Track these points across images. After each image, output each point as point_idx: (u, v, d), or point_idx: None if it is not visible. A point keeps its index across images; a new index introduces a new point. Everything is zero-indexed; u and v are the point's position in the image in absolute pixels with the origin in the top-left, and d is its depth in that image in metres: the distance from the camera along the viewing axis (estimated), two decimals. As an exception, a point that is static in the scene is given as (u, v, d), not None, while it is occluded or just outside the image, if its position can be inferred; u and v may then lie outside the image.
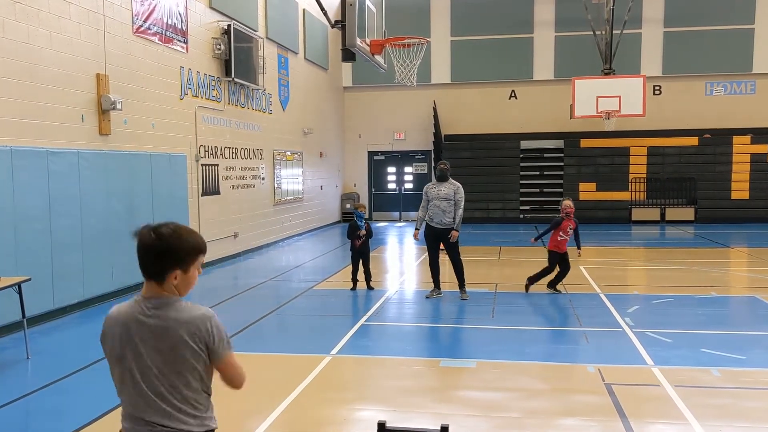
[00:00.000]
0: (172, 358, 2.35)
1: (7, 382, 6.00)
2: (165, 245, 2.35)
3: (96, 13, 9.30)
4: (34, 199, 7.92)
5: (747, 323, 8.07)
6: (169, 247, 2.36)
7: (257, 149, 15.09)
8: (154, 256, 2.36)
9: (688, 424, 4.76)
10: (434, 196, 9.21)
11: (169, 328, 2.35)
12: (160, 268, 2.37)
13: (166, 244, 2.35)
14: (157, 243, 2.35)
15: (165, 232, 2.37)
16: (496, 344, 7.08)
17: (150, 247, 2.36)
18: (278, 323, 8.28)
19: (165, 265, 2.37)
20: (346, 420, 5.06)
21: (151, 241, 2.35)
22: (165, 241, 2.36)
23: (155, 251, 2.36)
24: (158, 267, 2.37)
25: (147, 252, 2.36)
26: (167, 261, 2.37)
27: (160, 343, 2.35)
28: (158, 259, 2.36)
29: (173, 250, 2.36)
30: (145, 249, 2.36)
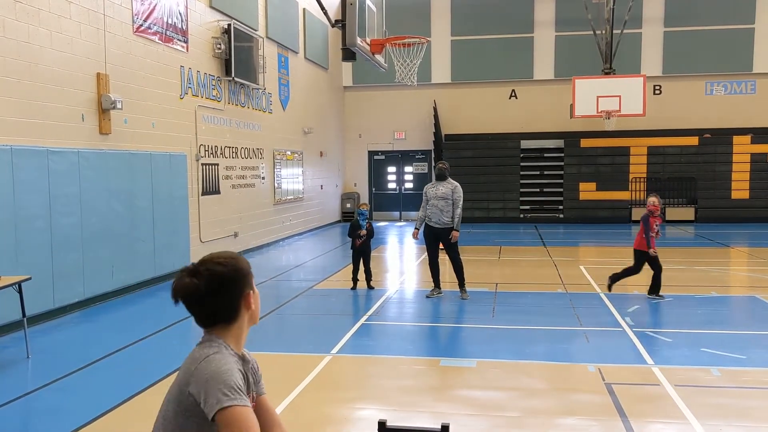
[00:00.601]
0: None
1: (7, 382, 6.00)
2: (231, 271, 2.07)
3: (96, 12, 9.30)
4: (35, 198, 7.92)
5: (747, 323, 8.07)
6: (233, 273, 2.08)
7: (257, 149, 15.09)
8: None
9: (688, 424, 4.76)
10: (432, 195, 9.23)
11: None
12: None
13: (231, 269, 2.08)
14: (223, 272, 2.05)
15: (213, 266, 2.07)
16: (497, 344, 7.08)
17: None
18: (278, 323, 8.28)
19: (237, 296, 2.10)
20: (346, 419, 5.06)
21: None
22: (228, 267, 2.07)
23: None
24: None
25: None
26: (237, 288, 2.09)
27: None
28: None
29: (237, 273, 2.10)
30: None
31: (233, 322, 2.10)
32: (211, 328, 2.08)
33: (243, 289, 2.09)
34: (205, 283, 2.02)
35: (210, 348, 2.03)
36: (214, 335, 2.07)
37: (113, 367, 6.37)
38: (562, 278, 10.83)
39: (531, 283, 10.51)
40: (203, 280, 2.02)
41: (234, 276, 2.07)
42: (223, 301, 2.06)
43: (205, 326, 2.09)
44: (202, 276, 2.02)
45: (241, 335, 2.15)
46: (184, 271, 2.05)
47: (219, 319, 2.08)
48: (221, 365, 1.96)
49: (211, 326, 2.08)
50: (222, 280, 2.04)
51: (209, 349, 2.02)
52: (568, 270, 11.65)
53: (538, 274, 11.34)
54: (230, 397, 1.90)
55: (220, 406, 1.88)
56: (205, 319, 2.08)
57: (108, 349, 6.85)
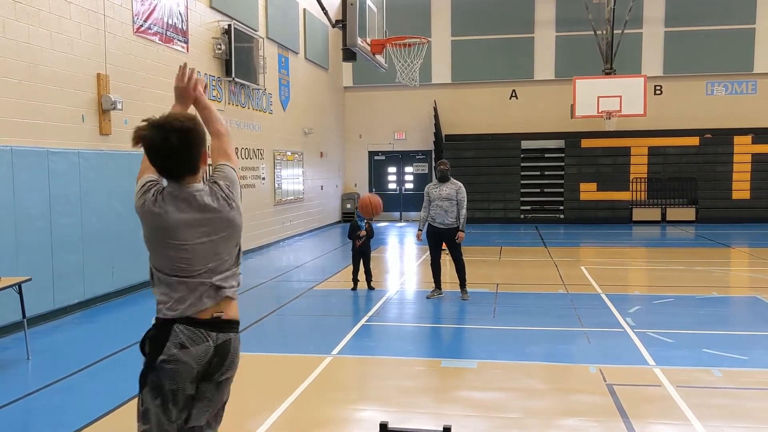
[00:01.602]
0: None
1: (7, 382, 5.99)
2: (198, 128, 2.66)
3: (96, 12, 9.29)
4: (35, 198, 7.91)
5: (748, 323, 8.06)
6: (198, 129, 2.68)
7: (258, 149, 15.08)
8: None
9: (689, 425, 4.75)
10: (436, 196, 9.19)
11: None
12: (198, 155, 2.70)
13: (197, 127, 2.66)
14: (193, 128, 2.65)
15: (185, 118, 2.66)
16: (497, 344, 7.07)
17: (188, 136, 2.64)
18: (279, 323, 8.27)
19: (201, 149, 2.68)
20: (347, 420, 5.05)
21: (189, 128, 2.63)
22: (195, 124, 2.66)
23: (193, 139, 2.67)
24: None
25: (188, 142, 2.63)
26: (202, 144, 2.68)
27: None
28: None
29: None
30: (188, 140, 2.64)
31: (196, 175, 2.72)
32: (180, 179, 2.66)
33: (203, 146, 2.70)
34: (177, 139, 2.56)
35: (208, 184, 2.74)
36: (191, 183, 2.70)
37: (114, 368, 6.36)
38: (563, 279, 10.82)
39: (532, 284, 10.50)
40: (175, 135, 2.55)
41: (200, 134, 2.66)
42: (193, 156, 2.65)
43: (175, 178, 2.66)
44: (174, 131, 2.56)
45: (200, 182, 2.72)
46: (148, 124, 2.64)
47: (188, 172, 2.68)
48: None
49: (179, 178, 2.67)
50: (193, 137, 2.61)
51: (199, 184, 2.71)
52: (569, 270, 11.64)
53: (539, 275, 11.33)
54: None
55: (235, 165, 2.93)
56: (177, 172, 2.65)
57: (109, 350, 6.84)
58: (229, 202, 2.74)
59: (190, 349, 2.62)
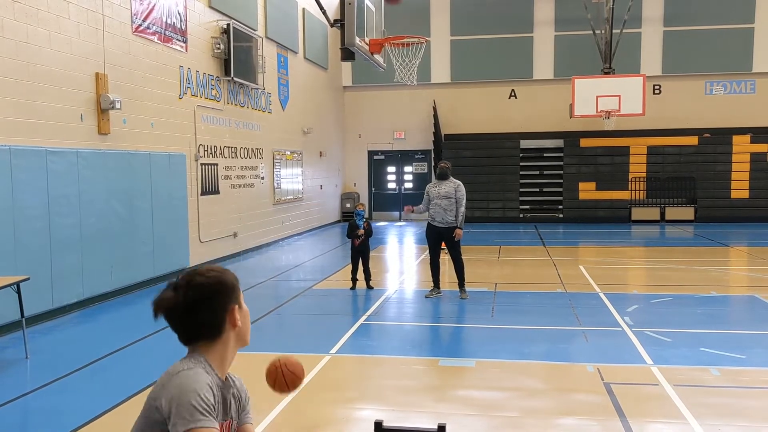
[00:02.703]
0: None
1: (6, 382, 5.99)
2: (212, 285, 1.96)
3: (95, 12, 9.29)
4: (33, 198, 7.91)
5: (746, 322, 8.07)
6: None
7: (257, 149, 15.08)
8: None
9: (687, 424, 4.76)
10: (435, 194, 9.24)
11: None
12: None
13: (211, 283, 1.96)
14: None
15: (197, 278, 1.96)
16: (496, 344, 7.08)
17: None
18: (278, 323, 8.28)
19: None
20: (345, 419, 5.05)
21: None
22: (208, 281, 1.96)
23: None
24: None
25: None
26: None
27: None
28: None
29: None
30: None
31: (216, 340, 1.95)
32: (194, 346, 1.95)
33: (227, 304, 1.95)
34: (183, 295, 1.89)
35: (187, 363, 1.90)
36: (197, 352, 1.94)
37: (112, 368, 6.36)
38: (562, 278, 10.82)
39: (530, 283, 10.51)
40: (182, 292, 1.90)
41: (217, 288, 1.94)
42: (204, 315, 1.92)
43: (186, 343, 1.96)
44: (182, 288, 1.90)
45: (225, 355, 1.98)
46: (169, 285, 1.94)
47: (201, 336, 1.94)
48: (191, 383, 1.82)
49: (193, 343, 1.95)
50: (202, 293, 1.91)
51: (185, 364, 1.89)
52: (568, 270, 11.64)
53: (538, 274, 11.34)
54: (192, 419, 1.76)
55: (183, 428, 1.76)
56: (186, 336, 1.95)
57: (107, 350, 6.84)
58: (161, 407, 1.85)
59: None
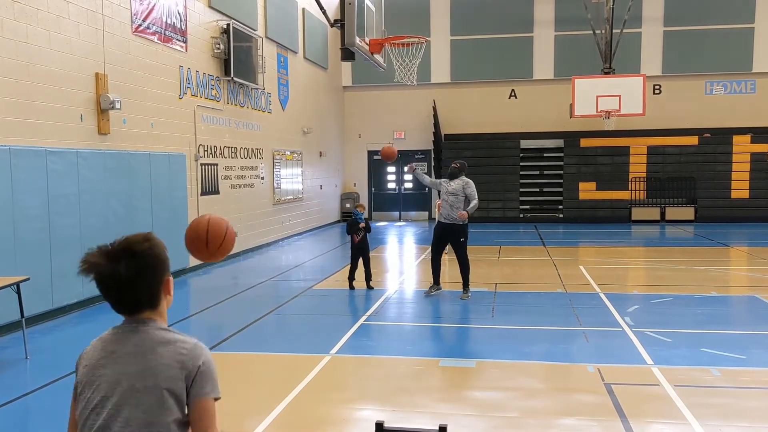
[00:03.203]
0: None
1: (6, 382, 5.99)
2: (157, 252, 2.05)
3: (95, 12, 9.28)
4: (33, 198, 7.91)
5: (747, 323, 8.06)
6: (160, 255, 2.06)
7: (257, 149, 15.08)
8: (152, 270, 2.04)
9: (687, 424, 4.75)
10: (444, 190, 9.38)
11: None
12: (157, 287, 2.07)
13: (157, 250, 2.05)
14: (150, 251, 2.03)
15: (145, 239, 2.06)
16: (496, 344, 7.07)
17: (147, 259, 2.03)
18: (278, 323, 8.28)
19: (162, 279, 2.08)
20: (345, 420, 5.05)
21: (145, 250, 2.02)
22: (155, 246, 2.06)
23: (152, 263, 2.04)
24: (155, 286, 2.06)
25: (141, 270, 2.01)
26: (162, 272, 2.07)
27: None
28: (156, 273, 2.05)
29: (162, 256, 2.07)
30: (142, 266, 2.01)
31: (158, 308, 2.08)
32: (137, 315, 2.05)
33: (164, 275, 2.08)
34: (125, 267, 1.98)
35: (177, 333, 2.03)
36: (149, 322, 2.04)
37: (112, 368, 6.35)
38: (562, 278, 10.82)
39: (531, 283, 10.51)
40: (123, 263, 1.99)
41: (160, 258, 2.06)
42: (150, 284, 2.03)
43: (129, 312, 2.05)
44: (123, 259, 1.99)
45: (165, 322, 2.12)
46: (98, 251, 2.03)
47: (144, 305, 2.05)
48: (209, 354, 2.01)
49: (136, 312, 2.05)
50: (146, 263, 2.02)
51: (178, 335, 2.02)
52: (568, 270, 11.64)
53: (538, 274, 11.33)
54: (217, 388, 1.98)
55: (215, 395, 1.96)
56: (129, 304, 2.04)
57: (107, 350, 6.82)
58: (182, 366, 1.96)
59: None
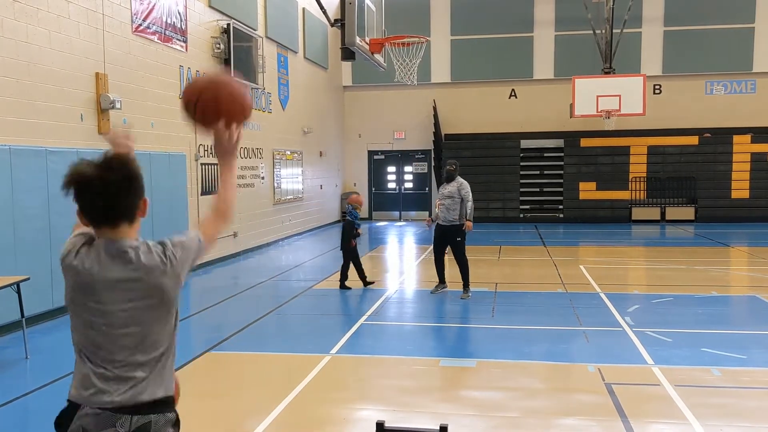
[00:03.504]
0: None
1: (6, 382, 5.99)
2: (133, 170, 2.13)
3: (95, 12, 9.28)
4: (33, 198, 7.90)
5: (747, 322, 8.06)
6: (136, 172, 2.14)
7: (257, 148, 15.08)
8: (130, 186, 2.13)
9: (688, 424, 4.75)
10: (440, 195, 9.50)
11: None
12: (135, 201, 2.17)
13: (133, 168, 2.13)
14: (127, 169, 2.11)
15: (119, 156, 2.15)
16: (496, 344, 7.07)
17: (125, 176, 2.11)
18: (278, 323, 8.27)
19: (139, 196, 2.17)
20: (345, 420, 5.04)
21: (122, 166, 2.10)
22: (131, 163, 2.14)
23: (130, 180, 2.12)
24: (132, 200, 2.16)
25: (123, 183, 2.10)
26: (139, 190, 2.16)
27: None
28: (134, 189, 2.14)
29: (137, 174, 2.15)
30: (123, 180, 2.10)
31: (134, 224, 2.17)
32: (115, 227, 2.11)
33: (142, 193, 2.17)
34: (117, 173, 2.06)
35: (146, 242, 2.16)
36: (125, 236, 2.13)
37: (112, 368, 6.34)
38: (562, 278, 10.82)
39: (531, 283, 10.50)
40: (116, 170, 2.06)
41: (139, 174, 2.14)
42: (132, 199, 2.12)
43: (110, 223, 2.11)
44: (116, 169, 2.06)
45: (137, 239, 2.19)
46: (89, 164, 2.06)
47: (124, 216, 2.12)
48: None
49: (114, 224, 2.11)
50: (132, 173, 2.10)
51: (147, 241, 2.16)
52: (568, 270, 11.64)
53: (538, 274, 11.33)
54: (187, 233, 2.27)
55: (195, 233, 2.28)
56: (113, 214, 2.10)
57: (107, 350, 6.82)
58: (163, 263, 2.15)
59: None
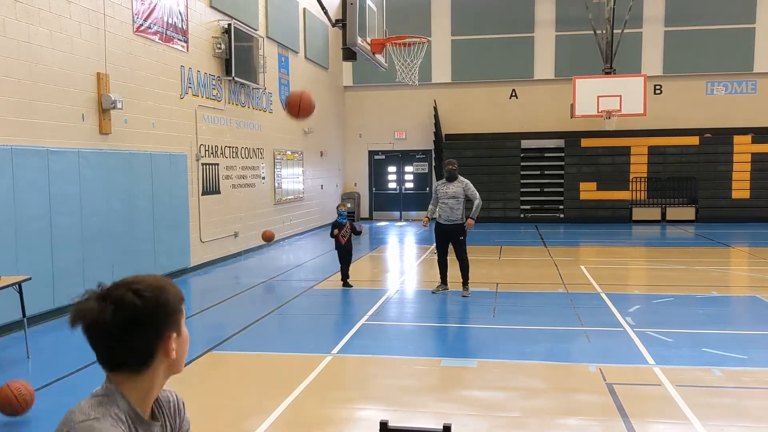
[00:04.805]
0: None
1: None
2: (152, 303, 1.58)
3: (96, 12, 9.29)
4: (35, 198, 7.91)
5: (748, 323, 8.06)
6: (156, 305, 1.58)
7: (258, 148, 15.08)
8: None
9: (689, 424, 4.75)
10: (443, 194, 9.43)
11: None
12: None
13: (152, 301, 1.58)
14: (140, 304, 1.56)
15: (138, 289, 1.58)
16: (497, 344, 7.07)
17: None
18: (279, 323, 8.28)
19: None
20: (347, 419, 5.05)
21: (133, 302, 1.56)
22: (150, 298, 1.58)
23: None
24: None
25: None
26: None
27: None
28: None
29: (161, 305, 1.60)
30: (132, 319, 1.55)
31: (143, 371, 1.61)
32: (115, 373, 1.62)
33: (163, 331, 1.60)
34: (112, 315, 1.54)
35: (94, 408, 1.58)
36: (114, 384, 1.62)
37: (113, 368, 6.35)
38: (563, 278, 10.82)
39: (532, 283, 10.50)
40: (111, 311, 1.54)
41: (153, 312, 1.57)
42: (133, 342, 1.57)
43: (108, 368, 1.63)
44: (111, 305, 1.55)
45: (151, 389, 1.65)
46: (93, 293, 1.59)
47: (125, 365, 1.60)
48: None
49: (115, 370, 1.62)
50: (134, 316, 1.55)
51: (91, 410, 1.57)
52: (569, 270, 11.64)
53: (539, 274, 11.33)
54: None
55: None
56: (108, 360, 1.61)
57: (108, 349, 6.83)
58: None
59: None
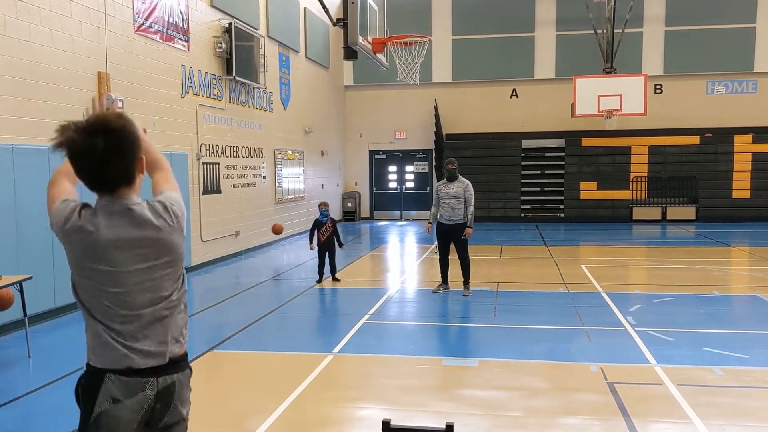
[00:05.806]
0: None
1: (8, 381, 6.00)
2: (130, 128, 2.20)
3: (97, 11, 9.29)
4: (36, 197, 7.88)
5: (749, 322, 8.06)
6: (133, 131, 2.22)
7: (258, 148, 15.08)
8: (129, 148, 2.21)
9: (690, 423, 4.75)
10: (444, 194, 9.41)
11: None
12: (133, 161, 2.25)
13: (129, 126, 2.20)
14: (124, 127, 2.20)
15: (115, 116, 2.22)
16: (498, 343, 7.07)
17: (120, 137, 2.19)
18: (280, 322, 8.28)
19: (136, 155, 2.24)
20: (348, 419, 5.05)
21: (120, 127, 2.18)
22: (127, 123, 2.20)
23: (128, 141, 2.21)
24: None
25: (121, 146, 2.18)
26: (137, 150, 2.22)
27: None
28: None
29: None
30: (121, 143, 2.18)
31: (132, 186, 2.23)
32: (111, 194, 2.19)
33: (139, 152, 2.22)
34: (105, 141, 2.11)
35: (147, 200, 2.24)
36: (126, 196, 2.21)
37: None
38: (564, 277, 10.82)
39: (532, 283, 10.50)
40: (102, 137, 2.11)
41: (133, 135, 2.19)
42: (126, 162, 2.17)
43: (109, 189, 2.19)
44: (101, 134, 2.11)
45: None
46: (77, 129, 2.15)
47: (122, 181, 2.20)
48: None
49: (110, 189, 2.19)
50: (123, 138, 2.15)
51: (148, 200, 2.25)
52: (570, 269, 11.64)
53: (540, 274, 11.33)
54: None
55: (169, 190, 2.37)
56: (108, 181, 2.18)
57: (109, 349, 6.82)
58: (170, 220, 2.28)
59: (124, 402, 2.22)
